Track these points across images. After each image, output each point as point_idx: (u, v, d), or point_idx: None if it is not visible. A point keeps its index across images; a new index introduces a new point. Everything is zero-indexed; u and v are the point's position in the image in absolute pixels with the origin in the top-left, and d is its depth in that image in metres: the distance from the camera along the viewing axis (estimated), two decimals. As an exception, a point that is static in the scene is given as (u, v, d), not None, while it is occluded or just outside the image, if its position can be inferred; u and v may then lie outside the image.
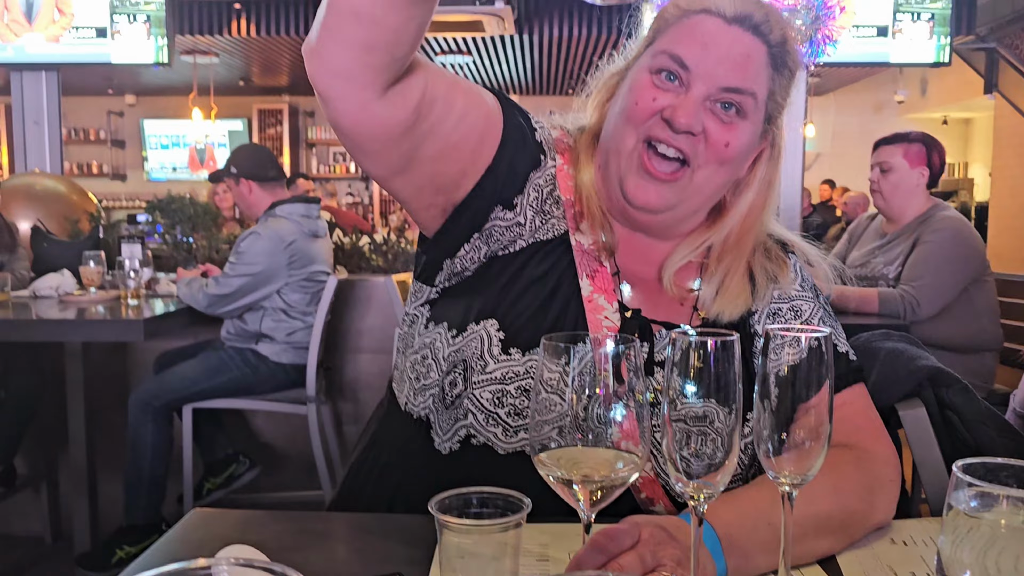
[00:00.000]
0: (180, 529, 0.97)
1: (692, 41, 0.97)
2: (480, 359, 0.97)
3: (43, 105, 4.57)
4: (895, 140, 3.02)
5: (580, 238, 1.03)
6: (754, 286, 1.05)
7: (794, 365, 0.69)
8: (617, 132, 1.01)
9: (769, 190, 1.06)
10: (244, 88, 10.84)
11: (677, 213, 1.02)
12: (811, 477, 0.71)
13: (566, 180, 1.06)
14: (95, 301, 3.18)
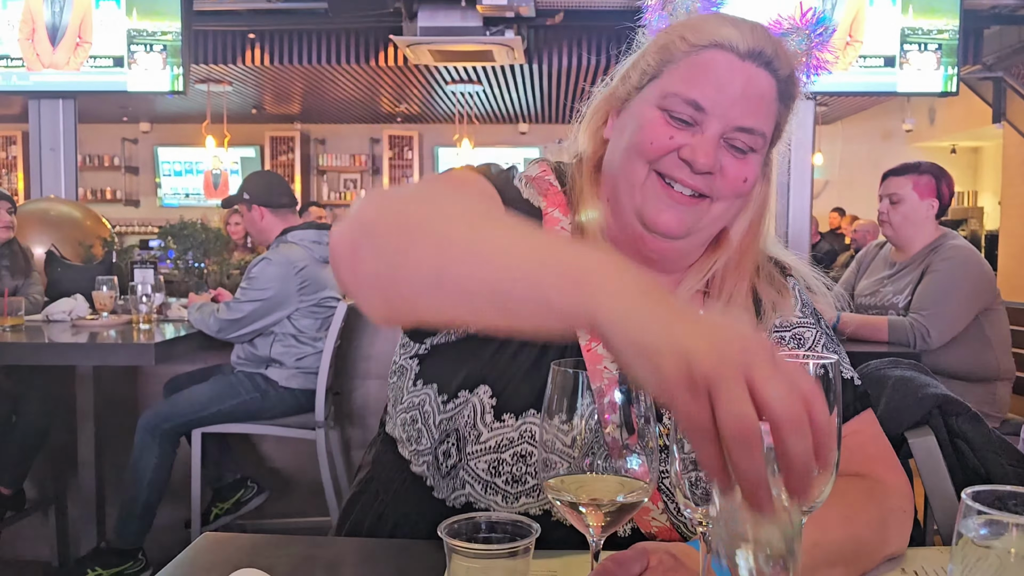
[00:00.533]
0: (190, 553, 0.97)
1: (706, 82, 0.94)
2: (473, 428, 0.95)
3: (60, 132, 4.63)
4: (904, 171, 3.02)
5: None
6: (758, 311, 1.03)
7: None
8: (626, 166, 0.98)
9: (764, 209, 1.05)
10: (256, 116, 10.96)
11: (692, 241, 1.00)
12: (819, 505, 0.71)
13: (553, 225, 1.02)
14: (107, 325, 3.20)
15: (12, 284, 3.38)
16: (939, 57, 4.34)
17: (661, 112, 0.95)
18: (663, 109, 0.95)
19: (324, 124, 11.66)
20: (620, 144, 0.99)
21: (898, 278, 2.99)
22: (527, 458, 0.93)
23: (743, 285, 1.03)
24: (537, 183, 1.04)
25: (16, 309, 3.10)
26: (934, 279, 2.84)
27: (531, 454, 0.93)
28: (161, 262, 4.16)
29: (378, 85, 8.94)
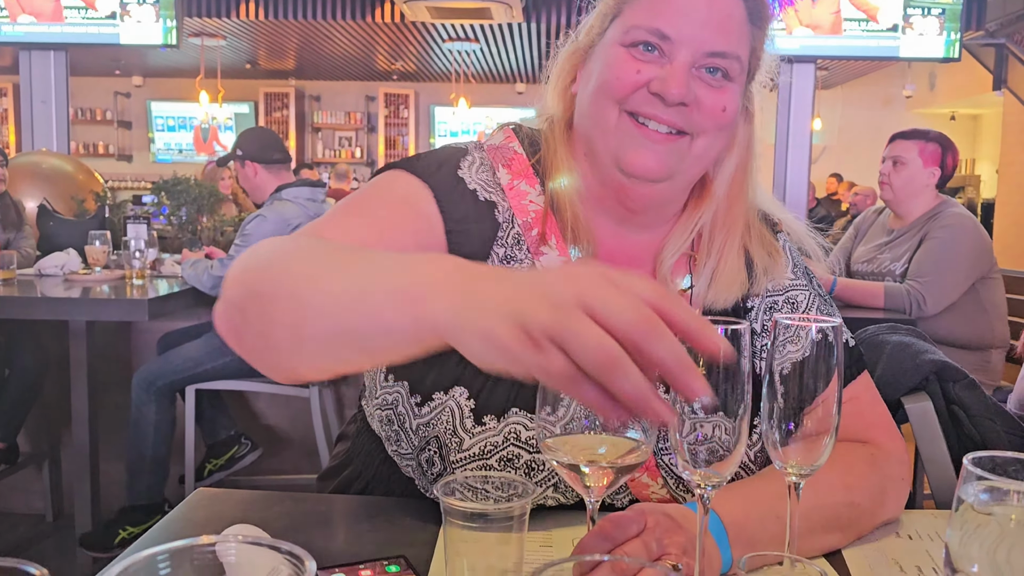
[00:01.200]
0: (184, 508, 0.97)
1: (669, 9, 0.89)
2: (454, 435, 0.90)
3: (51, 85, 4.57)
4: (913, 136, 3.00)
5: (545, 262, 0.94)
6: (750, 272, 0.99)
7: (804, 357, 0.68)
8: (596, 110, 0.92)
9: (749, 153, 0.98)
10: (251, 71, 10.81)
11: (675, 184, 0.94)
12: (818, 468, 0.71)
13: (520, 201, 0.96)
14: (100, 280, 3.18)
15: (4, 238, 3.35)
16: (942, 22, 4.29)
17: (625, 49, 0.90)
18: (627, 45, 0.90)
19: (319, 81, 11.51)
20: (587, 91, 0.94)
21: (896, 245, 2.98)
22: (514, 461, 0.89)
23: (733, 241, 0.97)
24: (501, 152, 0.99)
25: (8, 263, 3.07)
26: (932, 246, 2.84)
27: (519, 456, 0.89)
28: (154, 218, 4.12)
29: (374, 42, 8.81)
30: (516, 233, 0.94)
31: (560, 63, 1.00)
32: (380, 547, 0.84)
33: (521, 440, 0.89)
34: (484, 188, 0.95)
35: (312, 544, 0.85)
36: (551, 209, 0.95)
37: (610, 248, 0.98)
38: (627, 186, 0.92)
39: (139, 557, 0.48)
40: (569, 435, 0.71)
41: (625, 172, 0.90)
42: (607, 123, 0.91)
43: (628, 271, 0.57)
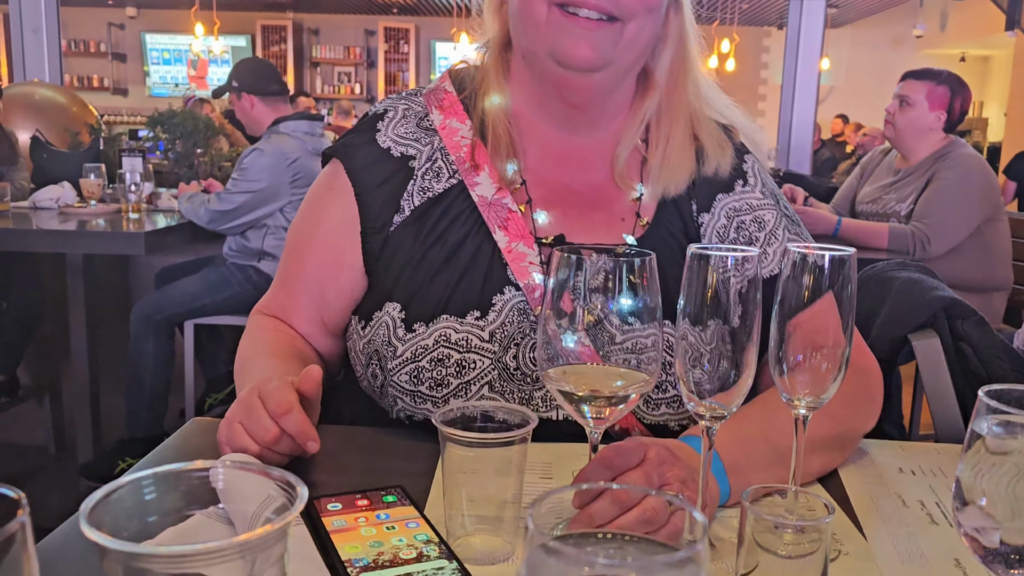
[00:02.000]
0: (178, 437, 0.97)
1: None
2: (388, 345, 0.95)
3: (41, 12, 4.46)
4: (923, 76, 2.94)
5: (480, 191, 0.98)
6: (700, 157, 1.01)
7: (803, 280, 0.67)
8: (525, 9, 0.92)
9: (683, 44, 1.00)
10: (248, 3, 10.57)
11: (614, 73, 0.94)
12: (826, 400, 0.69)
13: (452, 137, 1.01)
14: (95, 214, 3.14)
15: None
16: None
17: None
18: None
19: (318, 14, 11.27)
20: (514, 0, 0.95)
21: (902, 185, 2.94)
22: (444, 361, 0.93)
23: (678, 128, 1.00)
24: (435, 95, 1.04)
25: (2, 195, 3.04)
26: (939, 187, 2.80)
27: (448, 356, 0.93)
28: (151, 153, 4.06)
29: (374, -27, 8.60)
30: (438, 167, 1.00)
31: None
32: (376, 478, 0.84)
33: (451, 342, 0.94)
34: (399, 142, 1.02)
35: (308, 474, 0.84)
36: (480, 137, 1.00)
37: (559, 153, 1.01)
38: (566, 78, 0.94)
39: (124, 481, 0.47)
40: (571, 365, 0.69)
41: (561, 64, 0.92)
42: (537, 19, 0.91)
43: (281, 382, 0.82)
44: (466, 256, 0.96)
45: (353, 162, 1.02)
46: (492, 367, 0.93)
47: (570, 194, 1.00)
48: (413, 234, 0.98)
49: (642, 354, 0.68)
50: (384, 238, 0.99)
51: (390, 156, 1.01)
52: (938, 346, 1.07)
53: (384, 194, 1.00)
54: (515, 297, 0.95)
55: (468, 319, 0.94)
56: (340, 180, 1.02)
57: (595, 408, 0.69)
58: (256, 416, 0.79)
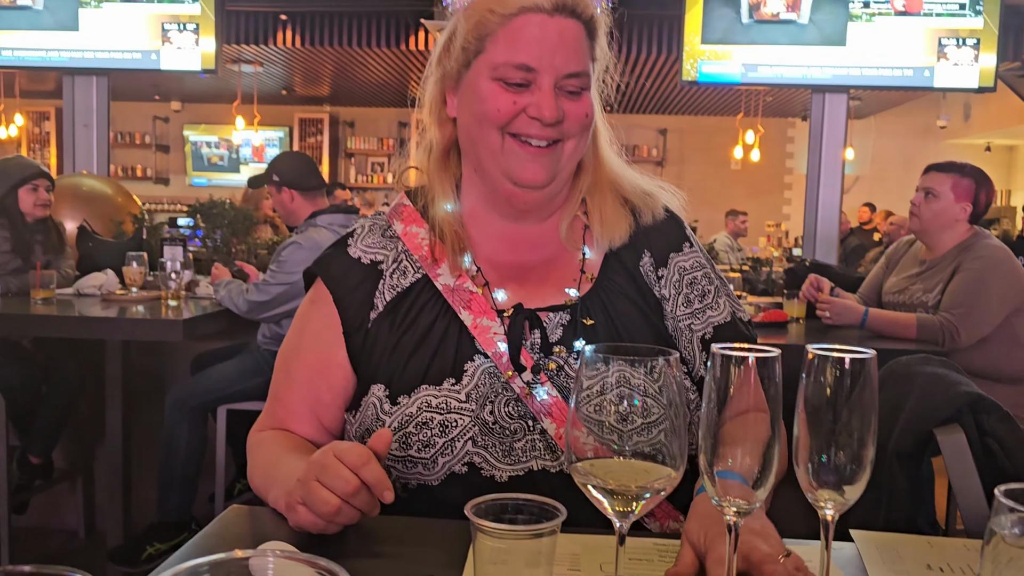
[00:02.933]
0: (217, 525, 0.98)
1: (527, 44, 1.04)
2: (377, 420, 1.06)
3: (93, 108, 4.69)
4: (948, 168, 2.97)
5: (443, 280, 1.11)
6: (634, 214, 1.16)
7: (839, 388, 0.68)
8: (482, 137, 1.08)
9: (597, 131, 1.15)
10: (286, 97, 11.01)
11: (558, 182, 1.10)
12: (853, 500, 0.70)
13: (413, 240, 1.15)
14: (136, 300, 3.24)
15: (45, 258, 3.43)
16: (977, 52, 4.27)
17: (496, 82, 1.06)
18: (497, 79, 1.06)
19: (353, 107, 11.69)
20: (469, 119, 1.09)
21: (928, 276, 2.95)
22: (428, 424, 1.03)
23: (606, 195, 1.15)
24: (396, 211, 1.19)
25: (48, 282, 3.14)
26: (965, 278, 2.80)
27: (431, 419, 1.03)
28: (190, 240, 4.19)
29: (407, 69, 8.94)
30: (404, 266, 1.14)
31: (430, 92, 1.15)
32: (407, 565, 0.85)
33: (432, 406, 1.04)
34: (368, 251, 1.16)
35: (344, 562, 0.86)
36: (438, 237, 1.13)
37: (511, 240, 1.15)
38: (518, 193, 1.09)
39: (181, 568, 0.50)
40: (598, 459, 0.72)
41: (518, 184, 1.08)
42: (494, 146, 1.07)
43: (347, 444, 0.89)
44: (437, 336, 1.08)
45: (329, 272, 1.15)
46: (472, 423, 1.03)
47: (524, 270, 1.14)
48: (388, 325, 1.10)
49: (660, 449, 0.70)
50: (364, 334, 1.11)
51: (361, 264, 1.15)
52: (964, 441, 1.08)
53: (359, 296, 1.13)
54: (485, 363, 1.07)
55: (445, 385, 1.05)
56: (320, 291, 1.15)
57: (623, 501, 0.71)
58: (335, 470, 0.86)
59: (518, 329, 1.07)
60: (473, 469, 1.03)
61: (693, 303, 1.13)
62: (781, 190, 11.76)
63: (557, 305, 1.10)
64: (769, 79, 4.46)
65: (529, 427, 1.04)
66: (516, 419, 1.04)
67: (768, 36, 4.36)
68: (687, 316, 1.13)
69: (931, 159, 3.14)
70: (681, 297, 1.13)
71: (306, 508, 0.87)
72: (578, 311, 1.09)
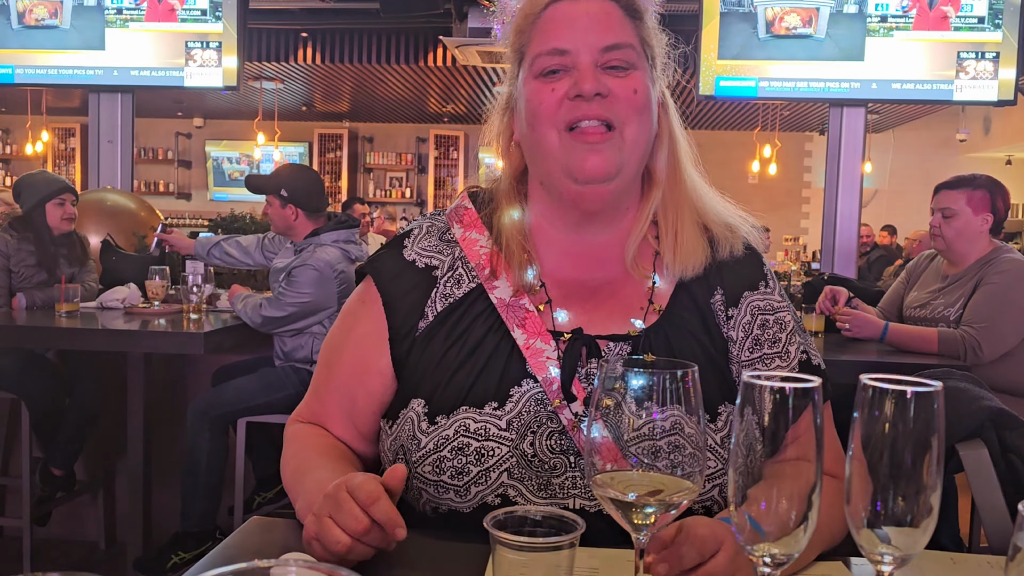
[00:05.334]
0: (239, 536, 0.99)
1: (557, 30, 1.02)
2: (413, 439, 1.02)
3: (117, 125, 4.76)
4: (958, 185, 2.95)
5: (498, 294, 1.06)
6: (712, 241, 1.09)
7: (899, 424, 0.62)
8: (537, 139, 1.03)
9: (674, 142, 1.10)
10: (306, 113, 11.12)
11: (624, 178, 1.03)
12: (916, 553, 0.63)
13: (472, 247, 1.10)
14: (158, 314, 3.27)
15: (69, 272, 3.48)
16: (996, 65, 4.24)
17: (537, 79, 1.03)
18: (537, 76, 1.03)
19: (372, 123, 11.78)
20: (525, 129, 1.05)
21: (950, 291, 2.93)
22: (464, 450, 0.99)
23: (683, 218, 1.07)
24: (456, 212, 1.15)
25: (72, 296, 3.19)
26: (987, 292, 2.78)
27: (468, 445, 0.99)
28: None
29: (426, 85, 9.00)
30: (459, 274, 1.09)
31: (495, 126, 1.14)
32: (430, 579, 0.86)
33: (470, 431, 1.00)
34: (423, 255, 1.12)
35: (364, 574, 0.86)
36: (501, 246, 1.08)
37: (575, 254, 1.10)
38: (583, 192, 1.02)
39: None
40: (619, 472, 0.72)
41: (579, 180, 1.01)
42: (551, 146, 1.02)
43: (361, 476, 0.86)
44: (485, 353, 1.03)
45: (381, 274, 1.11)
46: (510, 454, 0.98)
47: (587, 291, 1.08)
48: (436, 336, 1.06)
49: (681, 461, 0.70)
50: (410, 343, 1.07)
51: (415, 267, 1.10)
52: (986, 456, 1.07)
53: (410, 302, 1.08)
54: (532, 388, 1.01)
55: (486, 409, 1.00)
56: (370, 292, 1.11)
57: (642, 515, 0.71)
58: (347, 508, 0.83)
59: (574, 355, 1.01)
60: (507, 501, 0.98)
61: (761, 347, 1.06)
62: (799, 204, 11.70)
63: (619, 335, 1.04)
64: (786, 93, 4.46)
65: (571, 464, 0.99)
66: (558, 454, 0.99)
67: (785, 51, 4.36)
68: (752, 362, 1.05)
69: (951, 173, 3.12)
70: (749, 340, 1.06)
71: (319, 544, 0.85)
72: (640, 344, 1.03)
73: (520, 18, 1.06)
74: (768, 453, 0.63)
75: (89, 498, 3.37)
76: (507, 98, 1.12)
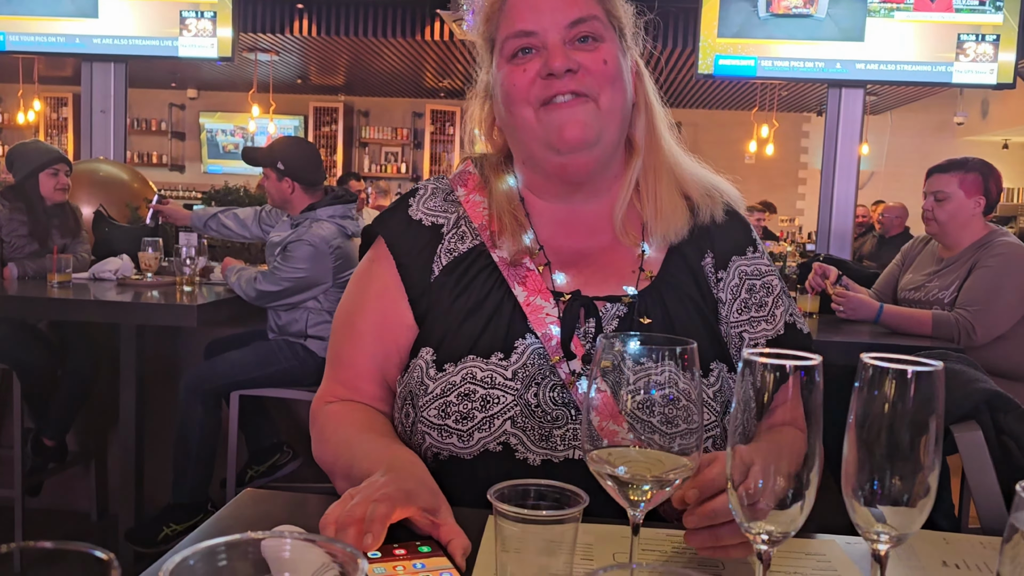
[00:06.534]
0: (232, 507, 0.99)
1: (522, 13, 1.05)
2: (421, 384, 1.05)
3: (110, 95, 4.71)
4: (950, 168, 2.95)
5: (500, 253, 1.10)
6: (692, 208, 1.12)
7: (899, 404, 0.61)
8: (515, 120, 1.07)
9: (650, 109, 1.13)
10: (301, 86, 11.02)
11: (605, 146, 1.06)
12: (912, 532, 0.63)
13: (475, 208, 1.14)
14: (151, 286, 3.26)
15: (61, 242, 3.46)
16: (996, 48, 4.22)
17: (509, 63, 1.06)
18: (508, 59, 1.06)
19: (368, 97, 11.69)
20: (503, 112, 1.09)
21: (945, 274, 2.94)
22: (470, 396, 1.02)
23: (661, 183, 1.11)
24: (460, 176, 1.18)
25: (64, 266, 3.17)
26: (982, 275, 2.79)
27: (474, 392, 1.02)
28: (204, 227, 4.20)
29: (423, 59, 8.93)
30: (462, 231, 1.13)
31: (476, 114, 1.18)
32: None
33: (477, 379, 1.03)
34: (429, 214, 1.16)
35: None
36: (496, 214, 1.12)
37: (567, 222, 1.14)
38: (566, 163, 1.06)
39: (200, 547, 0.50)
40: (616, 448, 0.72)
41: (561, 150, 1.04)
42: (529, 123, 1.05)
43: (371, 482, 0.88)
44: (490, 307, 1.07)
45: (390, 233, 1.15)
46: (514, 403, 1.02)
47: (582, 257, 1.12)
48: (444, 289, 1.10)
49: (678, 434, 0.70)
50: (427, 300, 1.10)
51: (421, 226, 1.14)
52: (981, 438, 1.07)
53: (422, 260, 1.12)
54: (534, 343, 1.05)
55: (493, 359, 1.04)
56: (381, 251, 1.15)
57: (639, 492, 0.71)
58: (357, 512, 0.83)
59: (573, 315, 1.05)
60: (508, 449, 1.02)
61: (749, 311, 1.10)
62: (795, 185, 11.70)
63: (615, 295, 1.08)
64: (786, 73, 4.43)
65: (572, 416, 1.02)
66: (559, 406, 1.02)
67: (785, 30, 4.33)
68: (740, 324, 1.10)
69: (947, 156, 3.12)
70: (738, 303, 1.11)
71: None
72: (635, 307, 1.07)
73: (487, 6, 1.09)
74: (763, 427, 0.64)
75: (81, 469, 3.38)
76: (485, 86, 1.15)
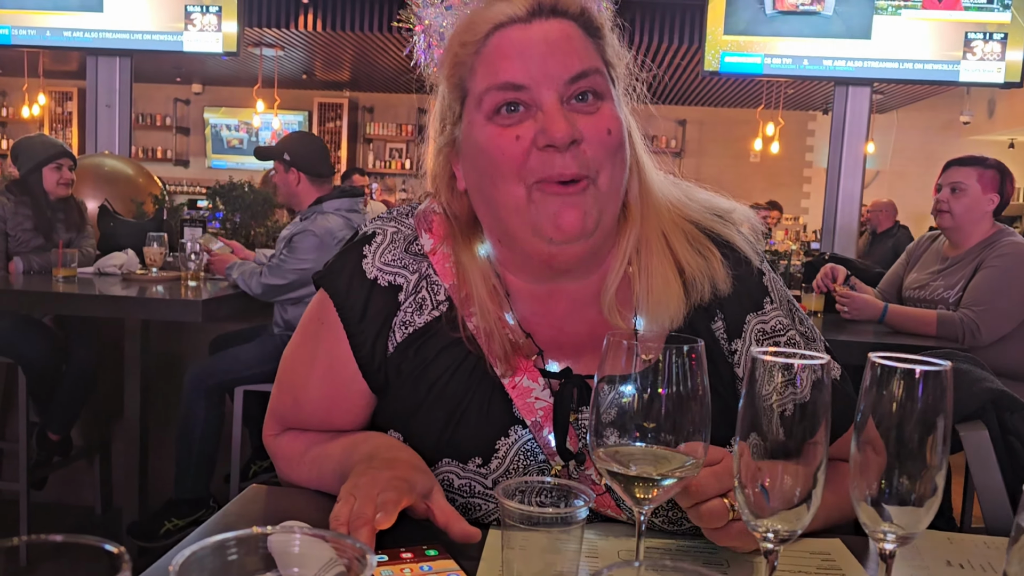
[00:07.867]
0: (238, 503, 0.99)
1: (508, 60, 0.87)
2: None
3: (116, 89, 4.72)
4: (970, 162, 2.95)
5: (478, 321, 0.93)
6: (684, 279, 0.94)
7: (907, 404, 0.62)
8: (498, 195, 0.88)
9: (642, 168, 0.96)
10: (306, 82, 11.02)
11: (602, 230, 0.90)
12: (918, 534, 0.63)
13: (443, 263, 0.97)
14: (156, 281, 3.26)
15: (66, 237, 3.46)
16: (1003, 47, 4.21)
17: (491, 123, 0.88)
18: (490, 116, 0.88)
19: (373, 92, 11.69)
20: (478, 180, 0.91)
21: (950, 273, 2.93)
22: (452, 500, 0.91)
23: (652, 257, 0.93)
24: (425, 217, 1.00)
25: (69, 261, 3.17)
26: (988, 275, 2.78)
27: (453, 500, 0.92)
28: (209, 222, 4.21)
29: (428, 55, 8.92)
30: (421, 298, 0.97)
31: (430, 166, 0.99)
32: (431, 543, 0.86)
33: (454, 487, 0.93)
34: (386, 271, 0.98)
35: (363, 543, 0.86)
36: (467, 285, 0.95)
37: (548, 300, 0.96)
38: (556, 253, 0.89)
39: (209, 542, 0.50)
40: (622, 447, 0.72)
41: (555, 240, 0.87)
42: (518, 202, 0.88)
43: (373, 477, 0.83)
44: (462, 391, 0.93)
45: (339, 295, 0.99)
46: (497, 509, 0.91)
47: (564, 335, 0.96)
48: (404, 363, 0.96)
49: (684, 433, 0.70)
50: (384, 374, 0.98)
51: (376, 287, 0.97)
52: (987, 438, 1.07)
53: (374, 329, 0.97)
54: (522, 438, 0.92)
55: (470, 466, 0.92)
56: (329, 315, 0.99)
57: (643, 489, 0.71)
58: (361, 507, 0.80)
59: (566, 398, 0.92)
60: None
61: None
62: (800, 184, 11.67)
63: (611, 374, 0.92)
64: (792, 71, 4.43)
65: None
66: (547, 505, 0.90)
67: (792, 28, 4.32)
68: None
69: (953, 155, 3.12)
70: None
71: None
72: None
73: (457, 47, 0.91)
74: None
75: (86, 463, 3.39)
76: (448, 138, 0.95)
